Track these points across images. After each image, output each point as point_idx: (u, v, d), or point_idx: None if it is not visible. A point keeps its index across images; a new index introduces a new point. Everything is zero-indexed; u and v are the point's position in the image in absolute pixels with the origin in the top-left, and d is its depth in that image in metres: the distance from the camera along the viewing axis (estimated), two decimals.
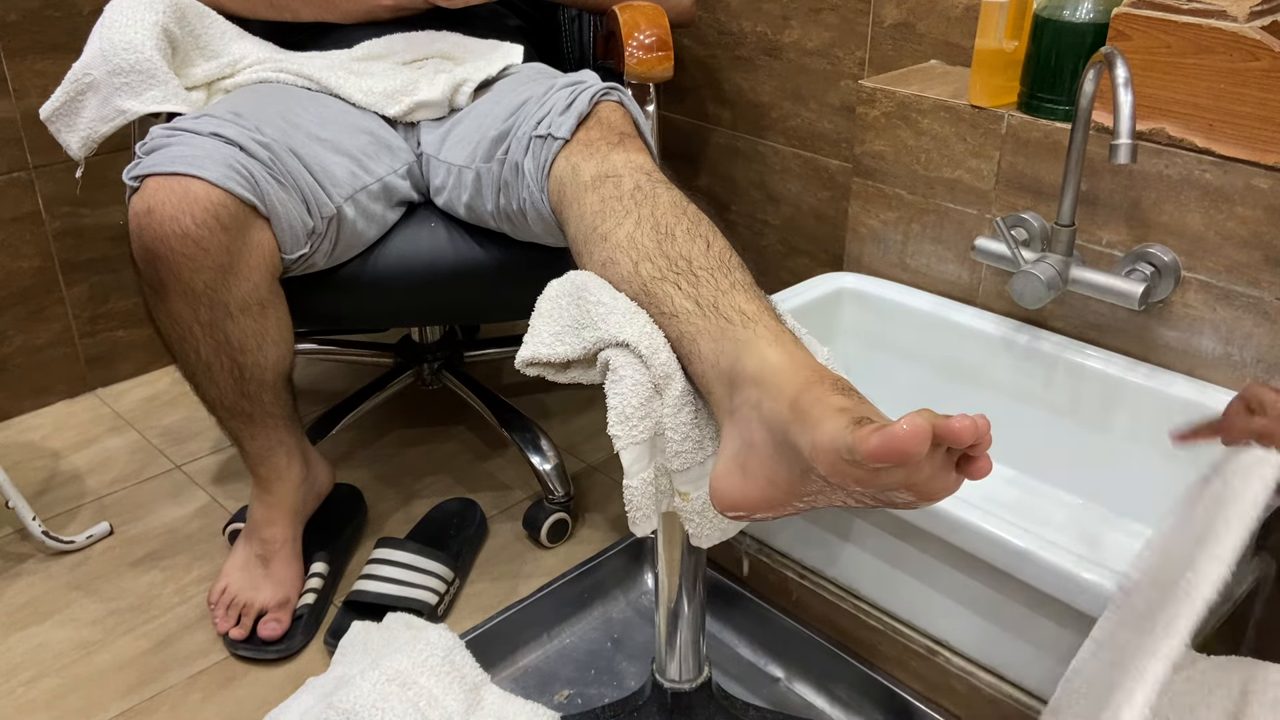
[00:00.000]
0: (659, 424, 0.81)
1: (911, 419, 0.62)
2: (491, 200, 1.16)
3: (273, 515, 1.26)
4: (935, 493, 0.67)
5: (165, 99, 1.19)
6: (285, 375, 1.19)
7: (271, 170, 1.08)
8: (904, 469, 0.64)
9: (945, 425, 0.63)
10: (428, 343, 1.66)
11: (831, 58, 1.54)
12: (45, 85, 1.58)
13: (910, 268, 1.36)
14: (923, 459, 0.63)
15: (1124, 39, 1.09)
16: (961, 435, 0.63)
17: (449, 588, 1.31)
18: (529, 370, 0.88)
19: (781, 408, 0.71)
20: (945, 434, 0.63)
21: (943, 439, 0.63)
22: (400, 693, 1.04)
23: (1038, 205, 1.20)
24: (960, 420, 0.63)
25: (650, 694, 1.09)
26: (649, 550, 1.35)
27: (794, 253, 1.70)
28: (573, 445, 1.63)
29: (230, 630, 1.24)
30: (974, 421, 0.63)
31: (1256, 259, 1.07)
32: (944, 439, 0.63)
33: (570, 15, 1.56)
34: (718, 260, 0.86)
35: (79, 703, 1.19)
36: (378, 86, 1.26)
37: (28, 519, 1.37)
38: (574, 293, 0.88)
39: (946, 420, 0.63)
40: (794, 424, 0.69)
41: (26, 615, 1.31)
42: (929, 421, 0.62)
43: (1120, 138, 0.96)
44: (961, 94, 1.26)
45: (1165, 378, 1.15)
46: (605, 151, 1.01)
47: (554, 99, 1.10)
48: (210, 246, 1.04)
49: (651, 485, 0.82)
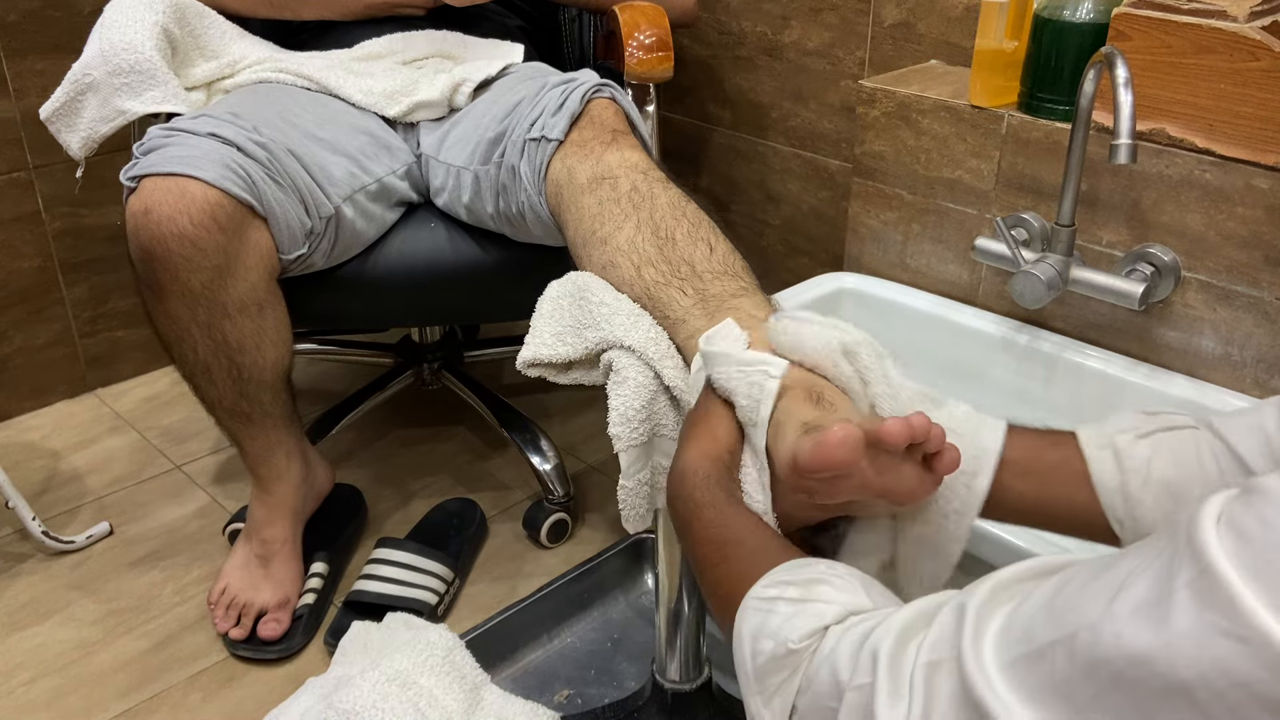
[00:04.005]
0: (659, 426, 0.81)
1: (840, 426, 0.61)
2: (491, 203, 1.16)
3: (272, 515, 1.26)
4: (903, 495, 0.66)
5: (165, 99, 1.19)
6: (284, 375, 1.19)
7: (269, 170, 1.08)
8: (851, 477, 0.63)
9: (876, 431, 0.62)
10: (428, 343, 1.66)
11: (832, 58, 1.54)
12: (45, 85, 1.58)
13: (910, 268, 1.36)
14: (867, 465, 0.62)
15: (1124, 39, 1.09)
16: (894, 437, 0.62)
17: (449, 588, 1.31)
18: (530, 371, 0.88)
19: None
20: (876, 438, 0.62)
21: (876, 443, 0.62)
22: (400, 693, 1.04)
23: (1038, 205, 1.20)
24: (893, 423, 0.62)
25: (650, 694, 1.09)
26: (649, 550, 1.35)
27: (794, 253, 1.70)
28: (573, 445, 1.63)
29: (230, 630, 1.24)
30: (906, 422, 0.62)
31: (1256, 259, 1.07)
32: (878, 443, 0.62)
33: (570, 15, 1.56)
34: (721, 264, 0.86)
35: (79, 703, 1.18)
36: (377, 87, 1.26)
37: (28, 519, 1.37)
38: (575, 293, 0.87)
39: (879, 425, 0.62)
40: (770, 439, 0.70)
41: (26, 615, 1.31)
42: (860, 428, 0.61)
43: (1120, 138, 0.96)
44: (962, 94, 1.26)
45: (1165, 378, 1.15)
46: (599, 151, 1.00)
47: (546, 99, 1.10)
48: (207, 247, 1.04)
49: (647, 485, 0.82)
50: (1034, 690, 0.43)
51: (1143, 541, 0.45)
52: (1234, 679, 0.37)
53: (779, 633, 0.57)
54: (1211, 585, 0.38)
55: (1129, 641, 0.40)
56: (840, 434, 0.61)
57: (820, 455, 0.61)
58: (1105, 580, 0.43)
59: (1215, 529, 0.40)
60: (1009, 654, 0.45)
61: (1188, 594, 0.39)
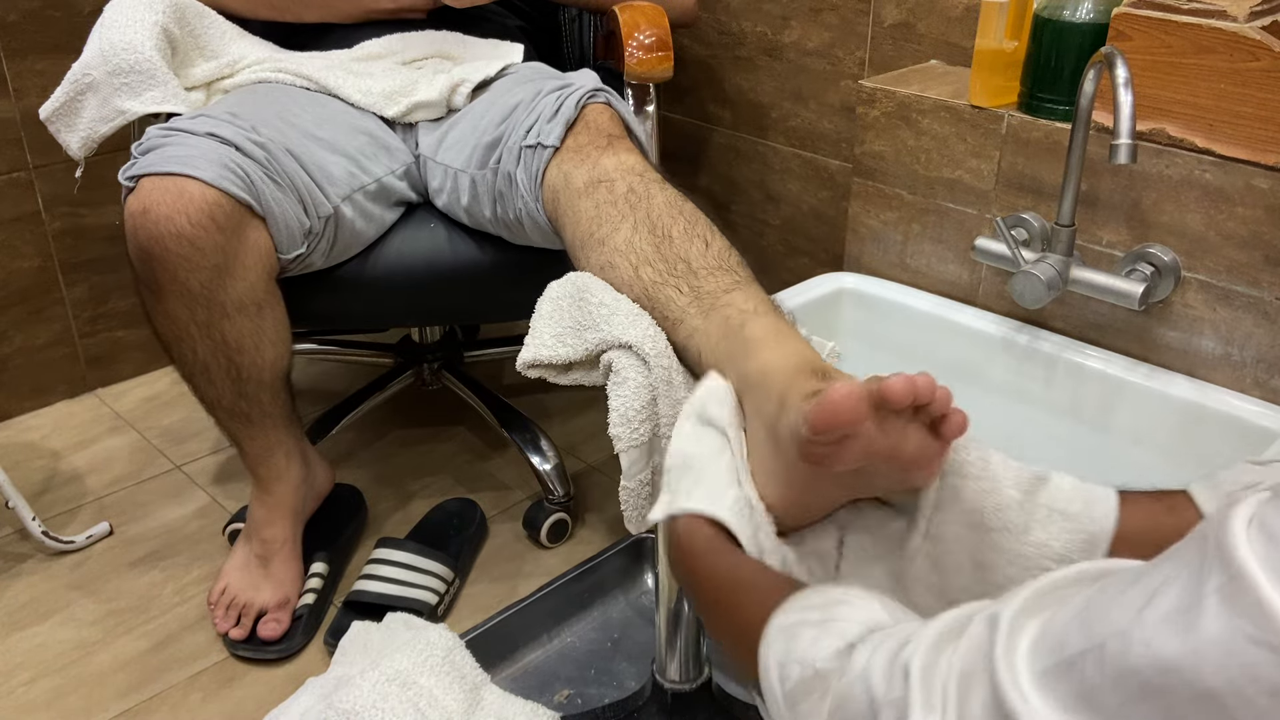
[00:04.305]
0: (659, 427, 0.81)
1: (843, 383, 0.62)
2: (489, 208, 1.16)
3: (272, 515, 1.26)
4: (911, 461, 0.66)
5: (165, 99, 1.19)
6: (283, 375, 1.19)
7: (268, 170, 1.08)
8: (859, 439, 0.63)
9: (879, 387, 0.62)
10: (428, 343, 1.66)
11: (831, 58, 1.54)
12: (45, 85, 1.58)
13: (910, 268, 1.36)
14: (874, 426, 0.62)
15: (1124, 39, 1.09)
16: (896, 394, 0.62)
17: (449, 588, 1.31)
18: (531, 372, 0.88)
19: (773, 405, 0.71)
20: (879, 396, 0.62)
21: (879, 401, 0.62)
22: (400, 693, 1.04)
23: (1038, 205, 1.20)
24: (896, 379, 0.62)
25: (650, 694, 1.09)
26: (649, 550, 1.35)
27: (794, 253, 1.70)
28: (573, 445, 1.63)
29: (230, 630, 1.24)
30: (910, 380, 0.62)
31: (1256, 259, 1.07)
32: (880, 401, 0.62)
33: (570, 15, 1.56)
34: (716, 259, 0.86)
35: (79, 703, 1.18)
36: (376, 87, 1.26)
37: (28, 519, 1.37)
38: (575, 294, 0.88)
39: (883, 381, 0.62)
40: (779, 417, 0.69)
41: (26, 615, 1.31)
42: (864, 385, 0.62)
43: (1120, 138, 0.96)
44: (962, 94, 1.26)
45: (1165, 378, 1.15)
46: (595, 156, 1.01)
47: (542, 105, 1.10)
48: (206, 246, 1.04)
49: (648, 485, 0.82)
50: (1066, 700, 0.42)
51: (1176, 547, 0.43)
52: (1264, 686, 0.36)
53: (806, 656, 0.56)
54: (1241, 590, 0.37)
55: (1158, 649, 0.39)
56: (844, 389, 0.61)
57: (826, 411, 0.61)
58: (1139, 588, 0.42)
59: (1246, 532, 0.38)
60: (1041, 663, 0.44)
61: (1217, 600, 0.38)
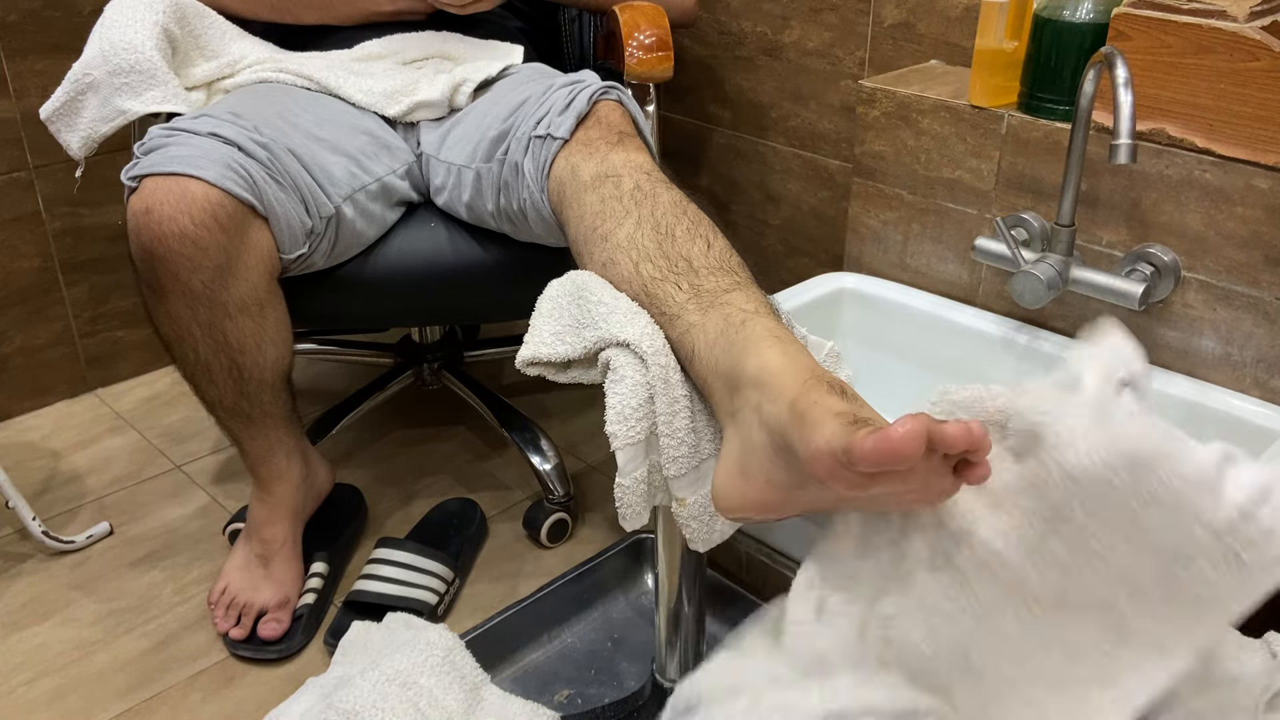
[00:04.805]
0: (656, 424, 0.81)
1: (906, 422, 0.61)
2: (492, 200, 1.16)
3: (273, 515, 1.26)
4: (932, 496, 0.67)
5: (165, 99, 1.19)
6: (284, 375, 1.19)
7: (270, 170, 1.08)
8: (899, 474, 0.64)
9: (939, 430, 0.62)
10: (428, 343, 1.66)
11: (831, 58, 1.54)
12: (45, 85, 1.58)
13: (910, 268, 1.36)
14: (918, 463, 0.63)
15: (1124, 39, 1.09)
16: (955, 441, 0.62)
17: (449, 588, 1.31)
18: (529, 370, 0.88)
19: (781, 410, 0.71)
20: (939, 439, 0.62)
21: (937, 444, 0.62)
22: (400, 693, 1.04)
23: (1038, 205, 1.20)
24: (955, 426, 0.62)
25: (650, 694, 1.09)
26: (649, 550, 1.35)
27: (794, 253, 1.70)
28: (573, 445, 1.63)
29: (230, 630, 1.24)
30: (968, 427, 0.63)
31: (1256, 259, 1.07)
32: (938, 444, 0.63)
33: (570, 16, 1.56)
34: (718, 260, 0.86)
35: (79, 703, 1.19)
36: (377, 86, 1.26)
37: (28, 519, 1.37)
38: (575, 292, 0.88)
39: (941, 425, 0.62)
40: (792, 427, 0.69)
41: (26, 615, 1.31)
42: (924, 426, 0.61)
43: (1120, 138, 0.96)
44: (961, 94, 1.26)
45: (1165, 378, 1.15)
46: (605, 151, 1.01)
47: (553, 99, 1.10)
48: (208, 246, 1.04)
49: (644, 483, 0.82)
50: None
51: None
52: None
53: None
54: None
55: None
56: (909, 427, 0.61)
57: (884, 448, 0.61)
58: None
59: None
60: None
61: None
